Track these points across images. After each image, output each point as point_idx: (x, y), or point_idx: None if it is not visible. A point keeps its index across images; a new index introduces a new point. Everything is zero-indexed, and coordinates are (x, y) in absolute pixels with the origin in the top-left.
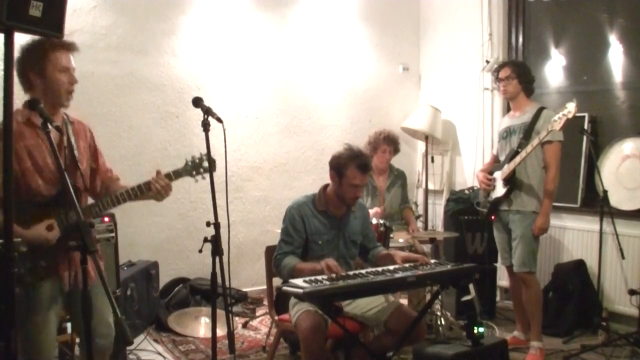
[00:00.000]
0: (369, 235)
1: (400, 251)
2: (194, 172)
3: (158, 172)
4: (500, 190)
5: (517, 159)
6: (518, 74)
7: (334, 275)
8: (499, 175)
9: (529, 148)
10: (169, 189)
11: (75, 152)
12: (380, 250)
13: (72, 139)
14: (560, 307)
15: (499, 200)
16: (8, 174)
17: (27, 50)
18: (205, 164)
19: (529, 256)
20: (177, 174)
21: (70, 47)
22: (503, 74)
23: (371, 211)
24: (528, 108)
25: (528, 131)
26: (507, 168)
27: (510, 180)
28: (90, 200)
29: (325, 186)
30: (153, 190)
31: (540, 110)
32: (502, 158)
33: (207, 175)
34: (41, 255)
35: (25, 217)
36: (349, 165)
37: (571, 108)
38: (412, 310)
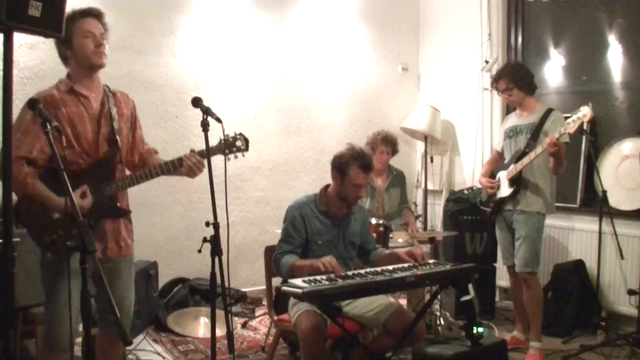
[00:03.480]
0: (368, 238)
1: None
2: (227, 151)
3: (191, 150)
4: (506, 191)
5: (525, 160)
6: (515, 82)
7: (332, 275)
8: (503, 175)
9: (538, 149)
10: (201, 166)
11: (115, 124)
12: (381, 251)
13: (114, 110)
14: (560, 307)
15: (503, 200)
16: (7, 173)
17: None
18: (239, 142)
19: (532, 256)
20: (210, 152)
21: (91, 13)
22: (501, 86)
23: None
24: (536, 108)
25: (536, 132)
26: (514, 168)
27: (517, 181)
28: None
29: (326, 186)
30: (185, 166)
31: (548, 111)
32: (507, 156)
33: (239, 155)
34: (73, 223)
35: (61, 184)
36: (352, 165)
37: (586, 111)
38: (411, 312)
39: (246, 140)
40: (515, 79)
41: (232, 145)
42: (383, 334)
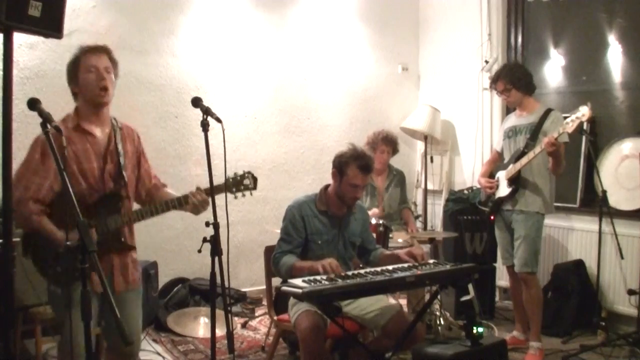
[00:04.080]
0: (368, 238)
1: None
2: (234, 189)
3: (197, 188)
4: (504, 190)
5: (524, 160)
6: (513, 83)
7: (333, 275)
8: (502, 175)
9: (537, 149)
10: (206, 204)
11: (121, 159)
12: (381, 251)
13: (120, 145)
14: (560, 307)
15: (502, 200)
16: (7, 174)
17: (67, 66)
18: (247, 181)
19: (531, 256)
20: (217, 190)
21: (96, 49)
22: (500, 87)
23: (369, 212)
24: (535, 108)
25: (535, 132)
26: (513, 168)
27: (516, 180)
28: (135, 207)
29: (327, 186)
30: (190, 204)
31: (548, 111)
32: (506, 156)
33: (247, 194)
34: (76, 257)
35: (67, 220)
36: (350, 165)
37: (585, 111)
38: (411, 313)
39: (254, 179)
40: (513, 79)
41: (239, 184)
42: (382, 336)
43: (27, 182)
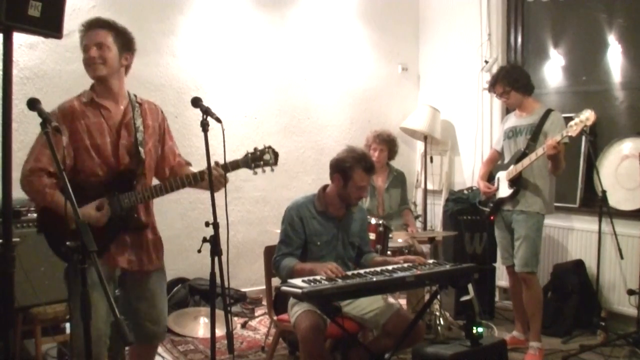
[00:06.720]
0: (364, 239)
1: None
2: (253, 165)
3: (216, 162)
4: (505, 191)
5: (526, 161)
6: (512, 85)
7: (333, 276)
8: (503, 175)
9: (539, 151)
10: (222, 180)
11: (139, 135)
12: (373, 256)
13: (138, 121)
14: (559, 307)
15: (503, 201)
16: (7, 173)
17: None
18: (267, 156)
19: (531, 256)
20: (235, 165)
21: (92, 25)
22: (498, 90)
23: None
24: (535, 109)
25: (536, 132)
26: (514, 170)
27: (517, 181)
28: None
29: (325, 187)
30: (205, 180)
31: (548, 112)
32: (506, 156)
33: (267, 169)
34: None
35: (79, 196)
36: (356, 169)
37: (589, 115)
38: (411, 313)
39: (275, 154)
40: (511, 81)
41: (259, 159)
42: (382, 336)
43: (38, 154)
